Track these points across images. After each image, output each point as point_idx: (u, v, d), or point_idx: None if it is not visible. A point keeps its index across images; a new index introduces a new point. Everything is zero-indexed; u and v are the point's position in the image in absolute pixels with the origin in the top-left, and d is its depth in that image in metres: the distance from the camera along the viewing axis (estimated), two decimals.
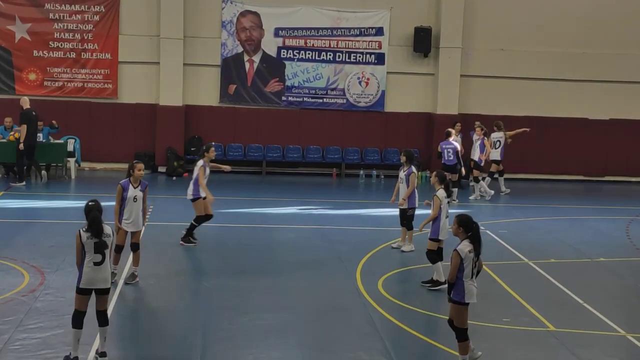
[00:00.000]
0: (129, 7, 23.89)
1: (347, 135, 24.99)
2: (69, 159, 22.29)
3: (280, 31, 24.48)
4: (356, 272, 13.37)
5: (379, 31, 24.69)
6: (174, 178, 23.32)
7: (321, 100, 24.84)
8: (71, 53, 23.76)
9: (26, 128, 20.48)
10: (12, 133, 21.27)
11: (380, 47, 24.75)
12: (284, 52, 24.56)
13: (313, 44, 24.59)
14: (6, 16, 23.37)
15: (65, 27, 23.64)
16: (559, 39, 25.03)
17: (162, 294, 11.83)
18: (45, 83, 23.77)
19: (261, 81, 24.57)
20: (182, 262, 13.64)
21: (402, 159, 14.96)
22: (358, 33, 24.66)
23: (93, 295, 9.04)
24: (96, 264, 8.88)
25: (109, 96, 24.02)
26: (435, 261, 12.49)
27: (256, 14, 24.36)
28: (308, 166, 24.91)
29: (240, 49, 24.42)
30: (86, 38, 23.75)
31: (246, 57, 24.47)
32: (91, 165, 24.07)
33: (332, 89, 24.80)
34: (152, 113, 24.05)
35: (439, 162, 20.63)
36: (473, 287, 9.11)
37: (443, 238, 12.51)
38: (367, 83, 24.80)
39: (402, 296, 12.18)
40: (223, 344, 9.84)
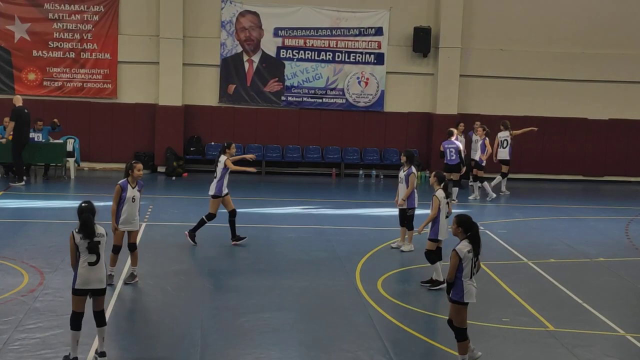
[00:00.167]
0: (128, 7, 23.89)
1: (347, 135, 24.99)
2: (69, 159, 22.28)
3: (279, 31, 24.48)
4: (355, 272, 13.38)
5: (379, 31, 24.69)
6: (174, 178, 23.32)
7: (320, 100, 24.85)
8: (70, 53, 23.76)
9: (14, 125, 20.53)
10: (11, 133, 21.28)
11: (379, 47, 24.75)
12: (284, 52, 24.56)
13: (312, 44, 24.59)
14: (5, 16, 23.37)
15: (64, 27, 23.65)
16: (559, 39, 25.04)
17: (161, 294, 11.82)
18: (44, 83, 23.78)
19: (260, 81, 24.57)
20: (181, 262, 13.63)
21: (403, 159, 14.94)
22: (357, 33, 24.67)
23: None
24: (91, 264, 8.87)
25: (109, 96, 24.03)
26: (434, 261, 12.50)
27: (255, 14, 24.36)
28: (307, 166, 24.92)
29: (239, 49, 24.42)
30: (85, 38, 23.76)
31: (245, 57, 24.47)
32: (90, 165, 24.07)
33: (332, 89, 24.80)
34: (152, 113, 24.06)
35: (441, 162, 20.64)
36: (472, 287, 9.12)
37: (442, 238, 12.50)
38: (367, 83, 24.80)
39: (402, 296, 12.19)
40: (222, 344, 9.84)
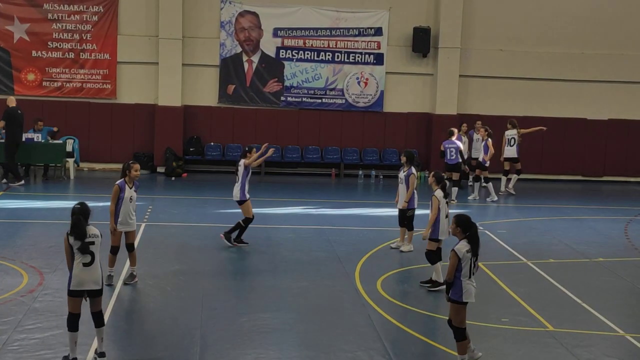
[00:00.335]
0: (128, 8, 23.89)
1: (346, 135, 24.99)
2: (68, 159, 22.28)
3: (279, 31, 24.48)
4: (355, 272, 13.37)
5: (378, 31, 24.69)
6: (173, 178, 23.31)
7: (320, 100, 24.84)
8: (70, 53, 23.76)
9: (4, 125, 20.59)
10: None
11: (379, 47, 24.75)
12: (283, 52, 24.56)
13: (312, 44, 24.58)
14: (5, 16, 23.37)
15: (63, 28, 23.64)
16: (558, 39, 25.04)
17: (161, 294, 11.82)
18: (44, 83, 23.77)
19: (260, 81, 24.56)
20: (181, 263, 13.63)
21: (403, 160, 14.93)
22: (357, 33, 24.67)
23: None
24: (85, 265, 8.85)
25: (108, 96, 24.02)
26: (434, 261, 12.49)
27: (255, 14, 24.36)
28: (307, 166, 24.91)
29: (239, 49, 24.42)
30: (85, 38, 23.75)
31: (245, 58, 24.47)
32: (90, 165, 24.07)
33: (331, 89, 24.80)
34: (151, 113, 24.05)
35: (441, 162, 20.69)
36: (471, 287, 9.14)
37: (443, 238, 12.49)
38: (366, 83, 24.80)
39: (401, 296, 12.19)
40: (222, 344, 9.84)
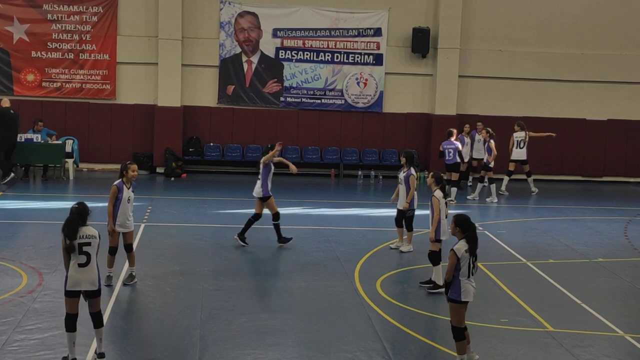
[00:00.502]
0: (127, 8, 23.89)
1: (346, 135, 24.99)
2: (67, 160, 22.28)
3: (278, 32, 24.48)
4: (354, 273, 13.37)
5: (377, 32, 24.69)
6: (172, 179, 23.31)
7: (319, 100, 24.84)
8: (69, 54, 23.76)
9: None
10: None
11: (378, 48, 24.75)
12: (282, 53, 24.56)
13: (311, 45, 24.59)
14: (4, 17, 23.36)
15: (63, 28, 23.64)
16: (557, 40, 25.05)
17: (160, 295, 11.82)
18: (43, 84, 23.76)
19: (259, 82, 24.56)
20: (180, 263, 13.62)
21: (402, 161, 14.91)
22: (356, 34, 24.67)
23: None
24: (80, 265, 8.85)
25: (107, 97, 24.02)
26: (437, 262, 12.39)
27: (254, 15, 24.37)
28: (306, 167, 24.87)
29: (238, 50, 24.42)
30: (84, 39, 23.75)
31: (244, 58, 24.47)
32: (89, 166, 24.06)
33: (331, 90, 24.80)
34: (151, 114, 24.05)
35: (441, 163, 20.74)
36: (470, 286, 9.16)
37: (444, 238, 12.45)
38: (366, 84, 24.80)
39: (401, 297, 12.18)
40: (221, 345, 9.84)
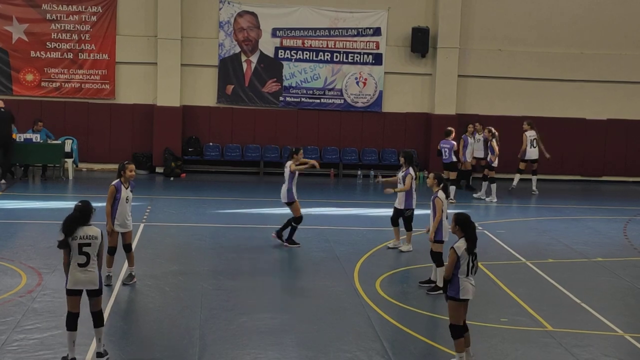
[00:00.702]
0: (126, 8, 23.87)
1: (345, 135, 24.98)
2: (67, 160, 22.27)
3: (277, 31, 24.47)
4: (354, 272, 13.37)
5: (377, 31, 24.68)
6: (172, 179, 23.30)
7: (319, 100, 24.83)
8: (68, 54, 23.74)
9: None
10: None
11: (377, 48, 24.75)
12: (282, 53, 24.55)
13: (310, 44, 24.58)
14: (3, 17, 23.34)
15: (62, 28, 23.62)
16: (557, 39, 25.04)
17: (160, 295, 11.81)
18: (42, 84, 23.75)
19: (259, 81, 24.56)
20: (180, 263, 13.62)
21: (401, 160, 14.90)
22: (355, 33, 24.66)
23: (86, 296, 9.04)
24: (80, 265, 8.87)
25: (107, 97, 24.01)
26: (441, 263, 12.28)
27: (253, 15, 24.36)
28: None
29: (237, 50, 24.41)
30: (83, 39, 23.74)
31: (244, 58, 24.46)
32: (89, 165, 24.05)
33: (330, 89, 24.79)
34: (150, 113, 24.04)
35: (440, 161, 20.84)
36: (469, 285, 9.17)
37: (446, 239, 12.36)
38: (365, 83, 24.79)
39: (400, 296, 12.18)
40: (221, 345, 9.84)
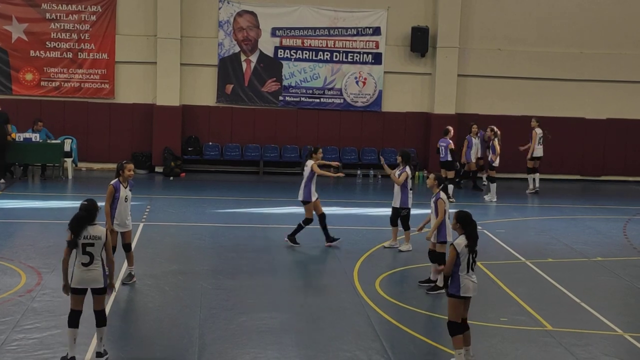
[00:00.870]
0: (126, 7, 23.87)
1: (345, 135, 24.98)
2: (66, 159, 22.27)
3: (277, 31, 24.47)
4: (353, 272, 13.37)
5: (376, 31, 24.68)
6: (171, 178, 23.30)
7: (318, 100, 24.83)
8: (68, 53, 23.74)
9: None
10: (9, 133, 21.29)
11: (377, 47, 24.74)
12: (281, 52, 24.55)
13: (310, 44, 24.57)
14: (3, 16, 23.34)
15: (62, 27, 23.62)
16: (556, 39, 25.05)
17: (159, 294, 11.81)
18: (42, 83, 23.74)
19: (258, 81, 24.55)
20: (179, 262, 13.62)
21: (398, 159, 14.91)
22: (355, 33, 24.66)
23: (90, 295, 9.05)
24: (84, 265, 8.91)
25: (106, 96, 24.00)
26: (443, 264, 12.23)
27: (253, 14, 24.35)
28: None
29: (237, 49, 24.40)
30: (83, 38, 23.73)
31: (243, 57, 24.46)
32: (88, 165, 24.04)
33: (329, 89, 24.79)
34: (149, 113, 24.04)
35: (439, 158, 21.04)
36: (469, 282, 9.19)
37: (449, 240, 12.29)
38: (365, 83, 24.79)
39: (400, 296, 12.18)
40: (220, 344, 9.84)
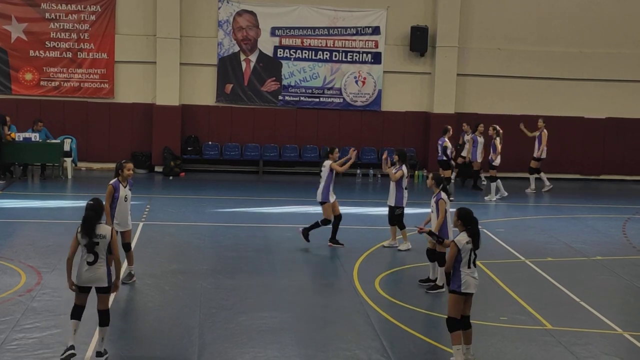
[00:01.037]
0: (125, 7, 23.87)
1: (344, 134, 24.97)
2: (66, 159, 22.28)
3: (276, 30, 24.47)
4: (353, 271, 13.37)
5: (376, 30, 24.69)
6: (171, 178, 23.31)
7: (318, 99, 24.84)
8: (67, 53, 23.74)
9: None
10: (8, 133, 21.29)
11: (376, 47, 24.75)
12: (281, 52, 24.55)
13: (309, 44, 24.58)
14: (2, 16, 23.34)
15: (61, 27, 23.62)
16: (556, 38, 25.06)
17: (159, 294, 11.82)
18: (41, 83, 23.74)
19: (258, 80, 24.55)
20: (179, 262, 13.62)
21: (395, 158, 14.93)
22: (354, 32, 24.66)
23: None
24: (89, 263, 8.97)
25: (106, 96, 24.00)
26: (444, 263, 12.20)
27: (252, 14, 24.36)
28: (305, 165, 24.89)
29: (236, 49, 24.41)
30: (82, 38, 23.73)
31: (243, 57, 24.46)
32: (88, 165, 24.05)
33: (329, 89, 24.79)
34: (149, 113, 24.04)
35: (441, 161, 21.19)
36: (470, 278, 9.22)
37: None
38: (364, 82, 24.79)
39: (399, 295, 12.18)
40: (220, 343, 9.84)
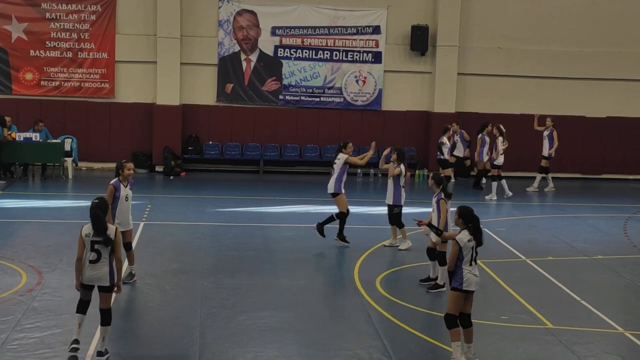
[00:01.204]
0: (126, 7, 23.87)
1: (345, 134, 24.85)
2: (66, 159, 22.28)
3: (277, 30, 24.47)
4: (354, 270, 13.37)
5: (376, 30, 24.69)
6: (172, 177, 23.31)
7: (318, 99, 24.84)
8: (68, 52, 23.74)
9: None
10: (9, 133, 21.30)
11: (377, 46, 24.74)
12: (281, 51, 24.55)
13: (310, 43, 24.58)
14: (3, 16, 23.34)
15: (61, 27, 23.62)
16: (556, 37, 25.05)
17: (160, 293, 11.82)
18: (42, 83, 23.74)
19: (258, 80, 24.55)
20: (180, 261, 13.63)
21: (393, 157, 14.93)
22: (355, 32, 24.66)
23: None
24: (91, 262, 9.03)
25: (106, 95, 24.01)
26: (445, 262, 12.22)
27: (253, 13, 24.36)
28: (305, 165, 24.90)
29: (237, 48, 24.41)
30: (83, 37, 23.73)
31: (243, 56, 24.46)
32: (88, 164, 24.05)
33: (329, 88, 24.79)
34: (149, 112, 24.04)
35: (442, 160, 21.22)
36: (472, 276, 9.24)
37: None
38: (364, 82, 24.79)
39: (400, 294, 12.18)
40: (221, 343, 9.84)
